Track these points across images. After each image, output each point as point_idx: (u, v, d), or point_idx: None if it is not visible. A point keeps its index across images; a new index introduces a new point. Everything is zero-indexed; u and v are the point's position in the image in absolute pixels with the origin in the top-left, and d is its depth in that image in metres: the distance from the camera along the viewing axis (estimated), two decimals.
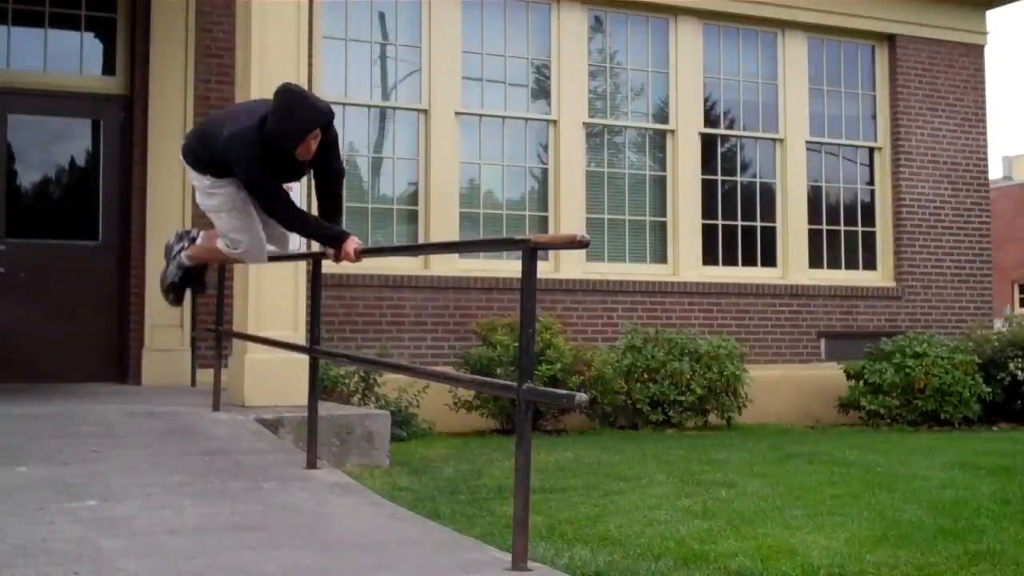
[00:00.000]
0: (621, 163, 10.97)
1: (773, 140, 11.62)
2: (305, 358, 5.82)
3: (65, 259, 9.14)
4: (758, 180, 11.54)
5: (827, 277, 11.64)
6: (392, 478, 6.32)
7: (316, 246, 5.80)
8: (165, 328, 9.02)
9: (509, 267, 9.89)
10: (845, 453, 7.81)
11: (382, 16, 10.15)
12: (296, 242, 7.34)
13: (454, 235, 9.93)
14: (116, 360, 9.23)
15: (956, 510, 5.56)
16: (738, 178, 11.46)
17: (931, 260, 12.04)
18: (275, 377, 7.02)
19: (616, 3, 10.92)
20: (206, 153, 5.12)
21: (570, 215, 10.41)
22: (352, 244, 4.95)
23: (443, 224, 9.91)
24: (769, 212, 11.52)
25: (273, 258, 7.06)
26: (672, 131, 11.08)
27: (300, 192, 7.37)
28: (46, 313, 8.99)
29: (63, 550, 3.64)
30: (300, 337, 7.02)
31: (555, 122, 10.58)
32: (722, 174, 11.36)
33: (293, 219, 5.09)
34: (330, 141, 5.06)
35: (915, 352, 10.31)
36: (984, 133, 12.42)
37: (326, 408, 6.69)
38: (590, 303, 10.43)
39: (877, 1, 11.87)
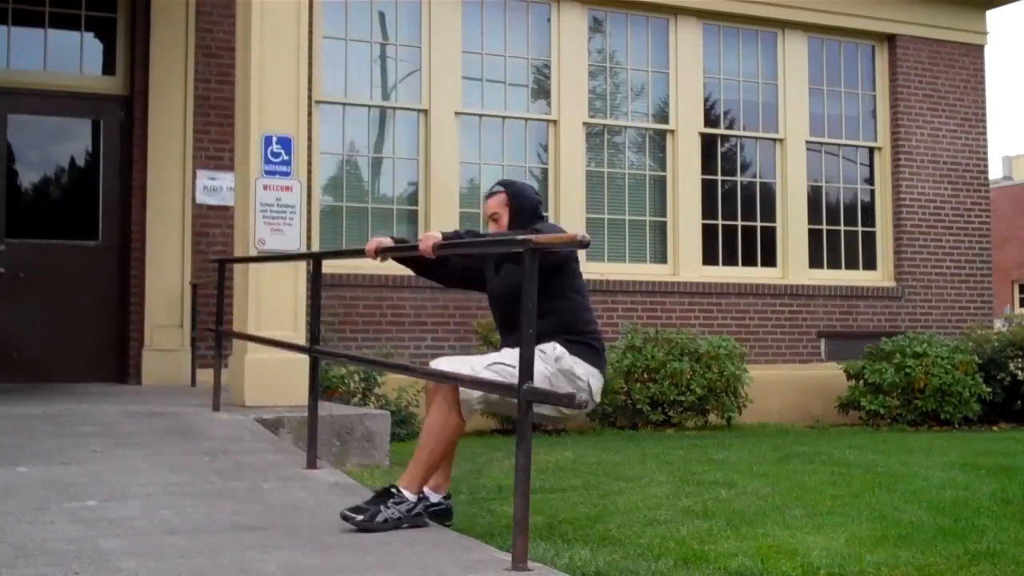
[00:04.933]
0: (621, 163, 10.98)
1: (773, 140, 11.62)
2: (305, 358, 5.82)
3: (65, 259, 9.14)
4: (758, 180, 11.55)
5: (827, 277, 11.64)
6: (392, 478, 6.30)
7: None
8: (165, 328, 9.02)
9: None
10: (845, 453, 7.81)
11: (382, 16, 10.15)
12: (296, 243, 7.36)
13: None
14: (116, 360, 9.23)
15: (956, 510, 5.56)
16: (738, 178, 11.46)
17: (931, 260, 12.04)
18: (275, 377, 7.02)
19: (616, 3, 10.92)
20: None
21: (570, 215, 10.41)
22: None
23: (443, 224, 9.89)
24: (769, 212, 11.52)
25: (273, 258, 7.09)
26: (672, 131, 11.08)
27: (300, 194, 7.38)
28: (46, 313, 8.99)
29: (63, 550, 3.64)
30: (300, 337, 7.02)
31: (555, 122, 10.59)
32: (722, 174, 11.36)
33: None
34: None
35: (915, 352, 10.30)
36: (984, 133, 12.42)
37: (326, 408, 6.69)
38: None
39: (877, 1, 11.87)
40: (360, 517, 4.15)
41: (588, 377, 4.46)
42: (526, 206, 4.69)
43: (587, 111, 10.77)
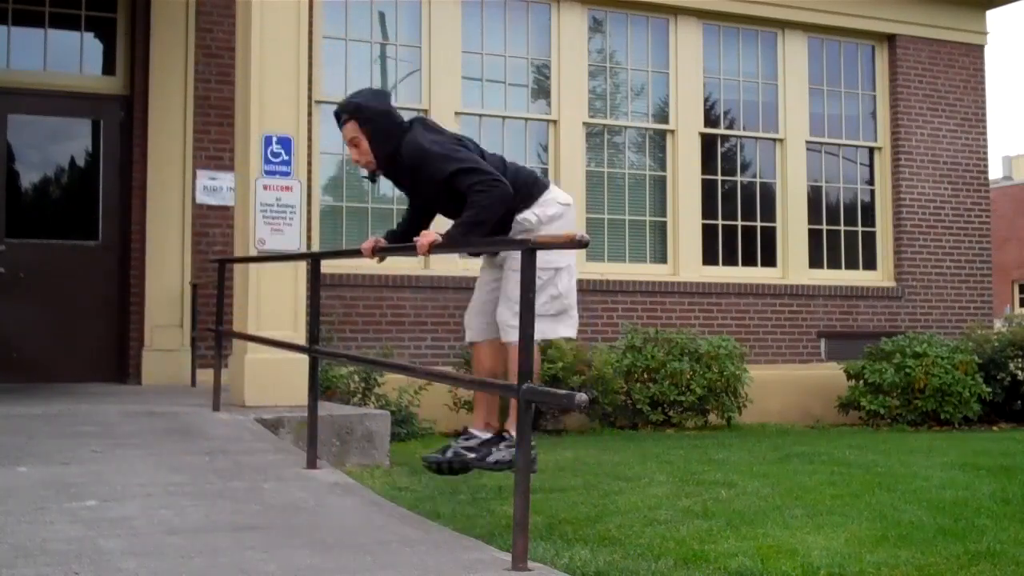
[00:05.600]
0: (621, 163, 10.98)
1: (773, 140, 11.62)
2: (305, 358, 5.82)
3: (65, 259, 9.14)
4: (758, 180, 11.55)
5: (827, 277, 11.64)
6: (392, 478, 6.32)
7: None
8: (165, 328, 9.02)
9: None
10: (845, 453, 7.81)
11: (382, 16, 10.15)
12: (296, 243, 7.36)
13: None
14: (116, 360, 9.23)
15: (956, 510, 5.56)
16: (738, 178, 11.46)
17: (931, 260, 12.04)
18: (275, 377, 7.02)
19: (616, 3, 10.92)
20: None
21: None
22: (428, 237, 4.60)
23: (443, 224, 9.88)
24: (769, 212, 11.52)
25: (273, 258, 7.09)
26: (672, 131, 11.08)
27: (300, 194, 7.37)
28: (46, 313, 8.99)
29: (63, 550, 3.64)
30: (300, 337, 7.02)
31: (555, 122, 10.59)
32: (722, 174, 11.36)
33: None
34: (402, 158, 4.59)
35: (915, 352, 10.30)
36: (984, 133, 12.42)
37: (326, 408, 6.69)
38: (590, 303, 10.42)
39: (877, 1, 11.87)
40: (473, 455, 4.26)
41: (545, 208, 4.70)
42: (382, 125, 4.56)
43: (587, 111, 10.76)
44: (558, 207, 4.78)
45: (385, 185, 10.09)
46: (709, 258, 11.14)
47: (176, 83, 9.15)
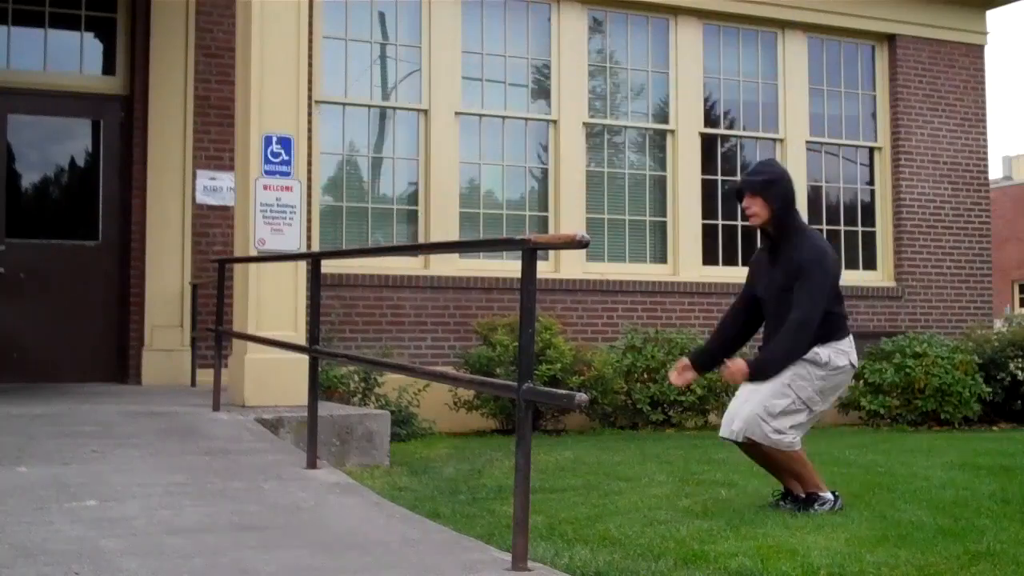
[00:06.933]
0: (621, 163, 10.98)
1: (773, 140, 11.62)
2: (305, 358, 5.82)
3: (65, 259, 9.14)
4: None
5: None
6: (392, 478, 6.32)
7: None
8: (165, 328, 9.02)
9: (509, 267, 9.90)
10: (845, 453, 7.81)
11: (382, 16, 10.15)
12: (296, 243, 7.36)
13: (454, 235, 9.93)
14: (116, 360, 9.24)
15: (956, 510, 5.55)
16: (738, 178, 11.45)
17: (931, 260, 12.04)
18: (275, 377, 7.02)
19: (616, 3, 10.92)
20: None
21: (570, 215, 10.41)
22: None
23: (443, 224, 9.92)
24: None
25: (273, 258, 7.10)
26: (672, 131, 11.08)
27: (300, 194, 7.37)
28: (46, 313, 9.00)
29: (63, 550, 3.64)
30: (300, 337, 7.02)
31: (555, 122, 10.59)
32: (722, 174, 11.36)
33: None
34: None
35: (915, 352, 10.30)
36: (984, 133, 12.42)
37: (326, 408, 6.70)
38: (590, 303, 10.43)
39: (877, 1, 11.87)
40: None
41: (847, 357, 5.41)
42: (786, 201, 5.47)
43: (587, 111, 10.77)
44: (845, 363, 5.39)
45: (385, 185, 10.11)
46: (709, 258, 11.14)
47: (176, 83, 9.16)
